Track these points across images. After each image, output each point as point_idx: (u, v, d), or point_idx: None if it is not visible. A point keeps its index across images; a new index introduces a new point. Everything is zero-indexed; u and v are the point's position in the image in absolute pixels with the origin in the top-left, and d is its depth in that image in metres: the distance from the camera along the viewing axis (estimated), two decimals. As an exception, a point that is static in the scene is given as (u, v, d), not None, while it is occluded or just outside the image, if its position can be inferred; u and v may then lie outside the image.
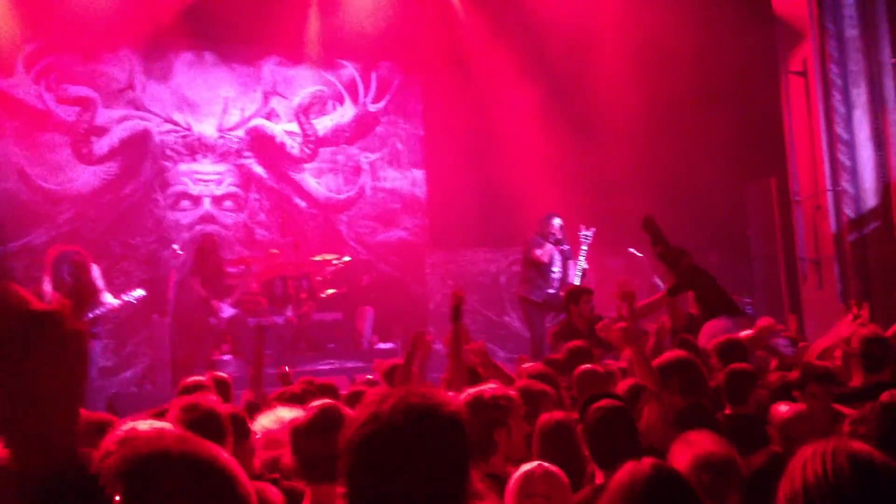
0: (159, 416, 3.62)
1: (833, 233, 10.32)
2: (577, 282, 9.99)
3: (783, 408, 4.38)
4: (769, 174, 11.72)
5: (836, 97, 10.37)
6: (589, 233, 9.95)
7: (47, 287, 8.85)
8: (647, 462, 2.25)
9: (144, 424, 2.84)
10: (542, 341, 9.90)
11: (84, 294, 8.81)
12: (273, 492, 3.08)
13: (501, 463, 3.36)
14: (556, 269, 10.03)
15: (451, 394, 4.08)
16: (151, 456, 1.42)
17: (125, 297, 9.16)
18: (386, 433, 1.57)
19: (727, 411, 4.72)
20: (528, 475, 3.01)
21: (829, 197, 10.34)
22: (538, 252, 9.88)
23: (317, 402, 3.43)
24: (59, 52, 11.60)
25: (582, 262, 9.94)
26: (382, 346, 11.05)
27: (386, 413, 1.59)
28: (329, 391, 4.99)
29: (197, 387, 4.79)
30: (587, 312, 7.85)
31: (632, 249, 10.61)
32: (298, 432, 3.24)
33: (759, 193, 11.94)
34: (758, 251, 12.06)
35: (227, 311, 10.52)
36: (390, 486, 1.56)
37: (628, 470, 2.20)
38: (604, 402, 3.64)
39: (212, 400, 3.45)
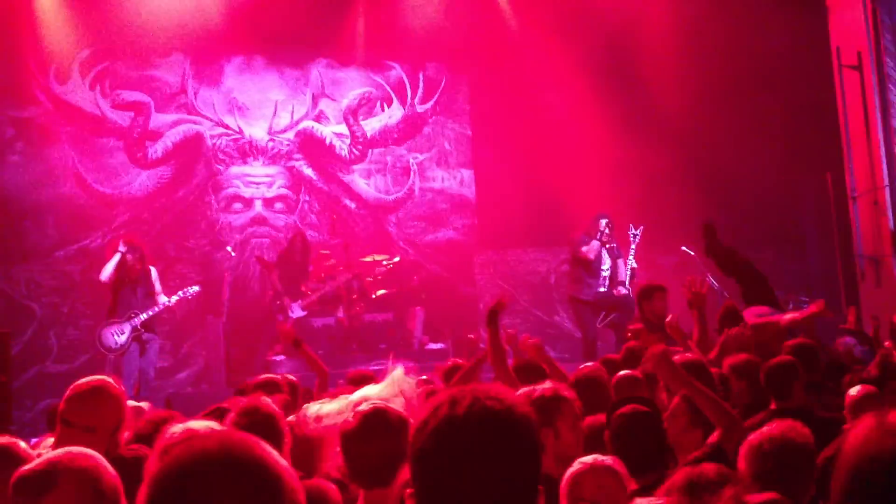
0: (218, 416, 3.65)
1: (892, 229, 10.13)
2: (627, 281, 9.91)
3: (854, 390, 4.27)
4: (824, 169, 11.52)
5: (893, 90, 10.18)
6: (637, 232, 9.87)
7: (107, 272, 9.01)
8: (710, 467, 2.21)
9: (199, 424, 2.86)
10: (594, 341, 9.85)
11: (136, 275, 9.00)
12: (332, 489, 3.08)
13: (552, 463, 3.32)
14: (605, 267, 9.96)
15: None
16: (190, 461, 1.38)
17: (181, 294, 9.33)
18: (460, 434, 1.56)
19: (772, 406, 4.62)
20: (575, 477, 2.93)
21: (888, 193, 10.14)
22: (584, 249, 9.82)
23: (365, 405, 3.39)
24: (113, 59, 11.82)
25: (631, 261, 9.86)
26: (433, 346, 11.06)
27: (460, 414, 1.58)
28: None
29: (266, 384, 4.84)
30: (660, 310, 7.52)
31: (684, 248, 10.49)
32: (348, 437, 3.21)
33: (814, 189, 11.74)
34: (814, 248, 11.87)
35: (297, 311, 10.60)
36: (464, 488, 1.55)
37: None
38: (627, 409, 3.57)
39: (267, 401, 3.44)
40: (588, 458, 3.04)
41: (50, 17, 11.29)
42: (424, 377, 6.38)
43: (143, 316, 8.94)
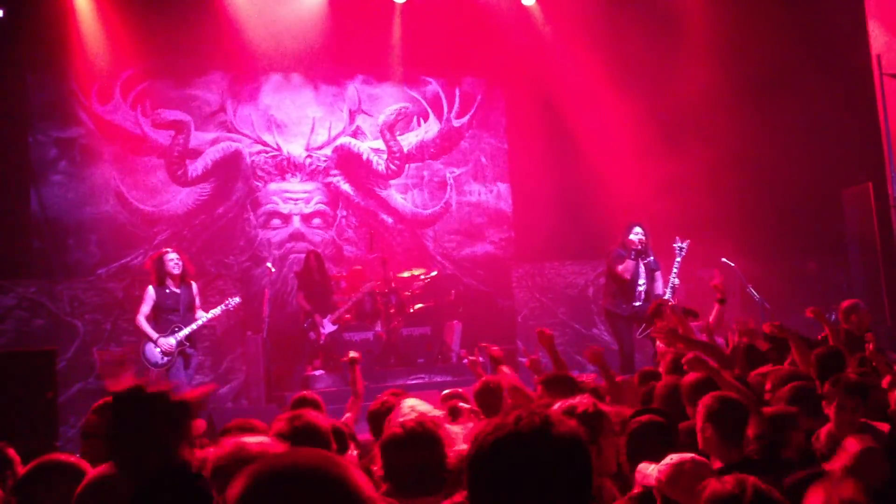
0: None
1: (936, 238, 9.95)
2: (668, 296, 9.80)
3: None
4: (866, 179, 11.37)
5: (936, 98, 10.02)
6: (684, 245, 9.72)
7: (148, 304, 9.07)
8: (729, 479, 2.22)
9: (252, 440, 2.90)
10: (632, 354, 9.77)
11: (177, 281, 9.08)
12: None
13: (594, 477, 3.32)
14: (642, 282, 9.85)
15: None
16: (281, 475, 1.40)
17: (224, 306, 9.38)
18: (510, 448, 1.61)
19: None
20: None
21: (931, 202, 9.98)
22: (620, 268, 9.73)
23: (409, 417, 3.42)
24: (154, 78, 11.99)
25: (673, 278, 9.65)
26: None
27: (510, 428, 1.62)
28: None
29: (304, 401, 4.96)
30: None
31: (724, 259, 10.38)
32: (389, 446, 3.24)
33: (856, 199, 11.58)
34: (856, 259, 11.68)
35: (329, 326, 10.68)
36: (517, 499, 1.58)
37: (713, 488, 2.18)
38: (644, 417, 3.70)
39: (315, 414, 3.48)
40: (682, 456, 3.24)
41: (92, 39, 11.50)
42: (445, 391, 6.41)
43: (187, 330, 9.02)
